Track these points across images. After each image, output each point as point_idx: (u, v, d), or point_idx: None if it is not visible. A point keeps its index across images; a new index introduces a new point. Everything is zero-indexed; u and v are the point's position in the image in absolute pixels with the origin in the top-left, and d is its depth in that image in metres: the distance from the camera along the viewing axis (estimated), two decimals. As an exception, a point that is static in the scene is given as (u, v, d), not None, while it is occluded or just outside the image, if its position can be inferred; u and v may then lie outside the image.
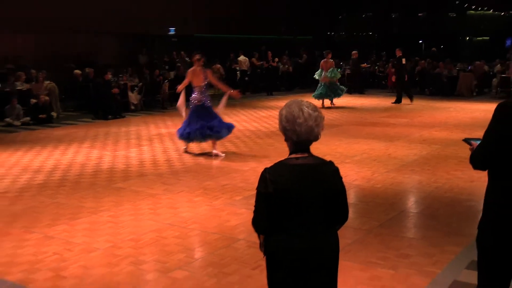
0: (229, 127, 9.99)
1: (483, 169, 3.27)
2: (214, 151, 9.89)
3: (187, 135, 9.74)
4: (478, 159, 3.24)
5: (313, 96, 17.15)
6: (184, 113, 10.12)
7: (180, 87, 10.11)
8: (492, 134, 3.15)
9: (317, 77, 17.72)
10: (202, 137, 9.70)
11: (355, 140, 11.46)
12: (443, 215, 6.40)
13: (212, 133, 9.60)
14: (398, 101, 18.55)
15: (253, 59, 22.68)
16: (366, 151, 10.35)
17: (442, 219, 6.27)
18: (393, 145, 10.91)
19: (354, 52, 22.01)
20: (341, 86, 17.89)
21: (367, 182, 8.10)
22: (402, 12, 36.43)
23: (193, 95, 9.81)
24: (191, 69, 9.89)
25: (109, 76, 15.94)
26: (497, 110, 3.15)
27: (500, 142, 3.09)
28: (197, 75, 9.68)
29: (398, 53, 18.74)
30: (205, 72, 9.85)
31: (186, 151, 10.18)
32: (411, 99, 18.30)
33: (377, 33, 36.77)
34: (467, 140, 3.48)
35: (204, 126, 9.56)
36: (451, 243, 5.51)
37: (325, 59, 17.56)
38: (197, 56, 9.82)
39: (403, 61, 19.11)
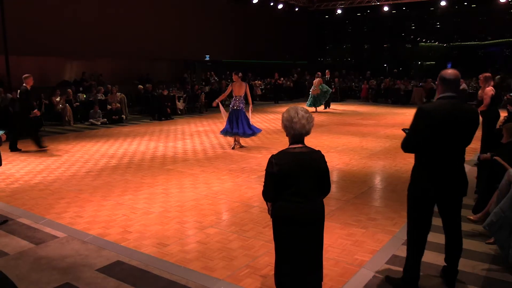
0: (253, 134, 9.62)
1: (409, 152, 3.49)
2: (239, 143, 9.84)
3: (225, 131, 9.62)
4: (405, 145, 3.45)
5: (307, 105, 17.14)
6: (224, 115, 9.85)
7: (220, 98, 9.70)
8: (414, 128, 3.36)
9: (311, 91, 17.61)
10: (233, 134, 9.55)
11: (337, 136, 11.37)
12: (401, 190, 6.32)
13: (239, 133, 9.45)
14: (327, 106, 18.31)
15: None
16: (345, 143, 10.27)
17: (400, 193, 6.20)
18: (365, 140, 10.81)
19: (327, 71, 19.19)
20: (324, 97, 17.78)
21: (346, 166, 8.04)
22: (371, 44, 36.16)
23: (232, 102, 9.46)
24: (234, 83, 9.39)
25: (165, 92, 16.01)
26: (417, 111, 3.35)
27: (419, 134, 3.31)
28: (238, 87, 9.36)
29: (328, 74, 18.59)
30: (245, 85, 9.43)
31: (233, 148, 9.63)
32: (327, 106, 18.25)
33: (354, 59, 36.51)
34: (404, 130, 3.61)
35: (234, 127, 9.39)
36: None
37: (316, 78, 17.48)
38: (240, 74, 9.47)
39: (336, 80, 19.63)
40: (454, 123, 3.24)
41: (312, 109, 16.97)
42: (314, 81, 17.42)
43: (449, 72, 3.35)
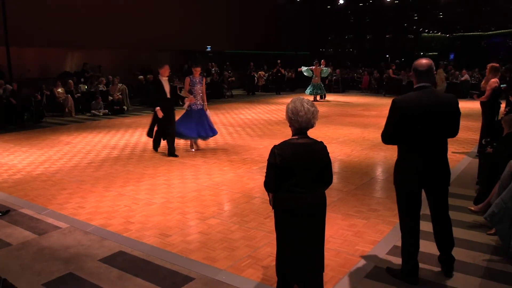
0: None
1: (388, 144, 3.54)
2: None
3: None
4: (382, 137, 3.51)
5: (306, 92, 17.62)
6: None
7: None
8: (387, 120, 3.43)
9: (305, 74, 17.81)
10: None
11: (339, 127, 11.36)
12: (402, 181, 6.33)
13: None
14: (323, 97, 18.65)
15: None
16: (347, 135, 10.26)
17: (401, 184, 6.21)
18: (366, 131, 10.79)
19: (322, 61, 18.38)
20: (323, 88, 18.17)
21: (347, 157, 8.05)
22: (373, 34, 35.96)
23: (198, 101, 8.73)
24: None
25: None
26: (391, 104, 3.41)
27: (392, 126, 3.38)
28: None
29: (323, 63, 18.71)
30: None
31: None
32: (323, 97, 18.57)
33: (356, 49, 36.32)
34: None
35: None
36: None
37: (315, 66, 17.55)
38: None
39: (338, 72, 20.17)
40: (429, 113, 3.26)
41: (311, 97, 17.07)
42: (312, 68, 17.56)
43: (422, 62, 3.39)
